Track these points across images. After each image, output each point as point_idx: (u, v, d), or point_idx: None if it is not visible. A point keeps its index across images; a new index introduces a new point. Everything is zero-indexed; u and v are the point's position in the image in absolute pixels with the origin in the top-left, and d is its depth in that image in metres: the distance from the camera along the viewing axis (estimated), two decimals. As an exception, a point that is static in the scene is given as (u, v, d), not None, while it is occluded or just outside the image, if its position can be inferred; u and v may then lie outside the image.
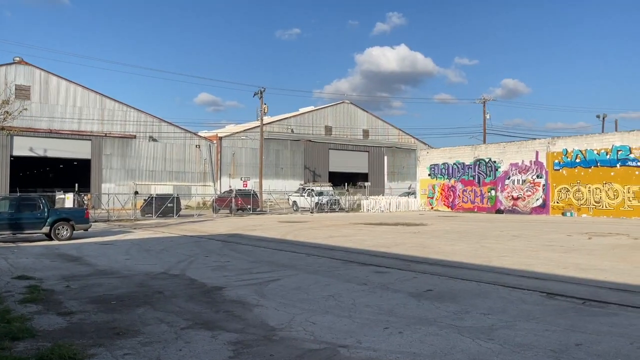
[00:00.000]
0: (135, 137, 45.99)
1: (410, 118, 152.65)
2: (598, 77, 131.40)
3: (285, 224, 24.15)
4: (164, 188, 44.41)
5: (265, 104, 41.12)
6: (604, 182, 28.90)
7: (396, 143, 64.28)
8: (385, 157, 55.92)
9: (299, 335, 5.50)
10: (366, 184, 49.59)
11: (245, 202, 34.51)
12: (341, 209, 37.88)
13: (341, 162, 59.32)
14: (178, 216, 30.02)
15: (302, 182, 49.25)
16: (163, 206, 30.00)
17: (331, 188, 41.73)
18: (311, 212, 35.02)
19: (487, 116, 49.88)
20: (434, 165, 39.80)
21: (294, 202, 39.24)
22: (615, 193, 28.42)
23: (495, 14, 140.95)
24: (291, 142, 56.02)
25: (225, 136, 53.25)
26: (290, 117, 58.06)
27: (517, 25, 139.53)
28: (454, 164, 38.21)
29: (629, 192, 27.82)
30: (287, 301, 7.18)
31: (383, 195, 44.65)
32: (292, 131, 56.12)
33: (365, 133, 62.12)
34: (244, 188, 41.22)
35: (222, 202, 34.91)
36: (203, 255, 12.66)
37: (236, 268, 10.40)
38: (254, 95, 41.53)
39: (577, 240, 15.32)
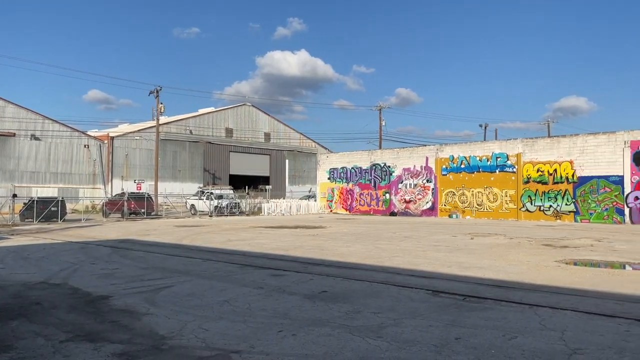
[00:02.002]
0: (14, 135, 42.10)
1: (311, 122, 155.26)
2: (480, 88, 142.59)
3: (182, 228, 23.39)
4: (48, 190, 41.12)
5: (161, 103, 39.61)
6: (485, 186, 31.39)
7: (297, 147, 64.95)
8: (287, 161, 56.30)
9: (190, 343, 5.34)
10: (267, 187, 49.50)
11: (139, 206, 32.92)
12: (241, 213, 37.46)
13: (242, 165, 58.74)
14: (63, 221, 27.91)
15: (202, 185, 48.04)
16: (46, 210, 27.72)
17: (232, 191, 41.15)
18: (210, 216, 34.27)
19: (383, 123, 52.11)
20: (334, 169, 40.75)
21: (192, 205, 38.17)
22: (494, 196, 30.98)
23: (390, 24, 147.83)
24: (190, 143, 54.46)
25: (118, 136, 50.47)
26: (189, 117, 56.43)
27: (409, 36, 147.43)
28: (352, 168, 39.40)
29: (506, 196, 30.46)
30: (180, 308, 6.94)
31: (284, 198, 44.90)
32: (191, 132, 54.59)
33: (267, 136, 62.08)
34: (138, 191, 39.34)
35: (114, 206, 33.03)
36: (89, 262, 11.87)
37: (125, 275, 9.87)
38: (150, 93, 39.83)
39: (461, 241, 16.46)
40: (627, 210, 25.91)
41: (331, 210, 40.23)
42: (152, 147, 45.80)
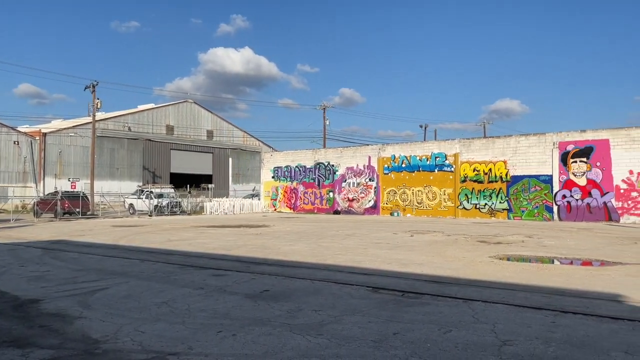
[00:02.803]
0: None
1: (255, 121, 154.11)
2: (421, 90, 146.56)
3: (119, 228, 22.59)
4: (-28, 189, 38.59)
5: (98, 98, 38.08)
6: (425, 185, 32.30)
7: (241, 145, 64.27)
8: (230, 159, 55.60)
9: (125, 346, 5.17)
10: (210, 185, 48.71)
11: (74, 205, 31.51)
12: (183, 212, 36.66)
13: (184, 163, 57.45)
14: (-11, 221, 26.28)
15: (141, 184, 46.60)
16: (-30, 210, 26.00)
17: (172, 190, 40.17)
18: (150, 215, 33.31)
19: (327, 122, 52.50)
20: (278, 167, 40.64)
21: (131, 204, 36.97)
22: (433, 195, 31.94)
23: (334, 24, 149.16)
24: (128, 140, 52.70)
25: (51, 132, 48.07)
26: (127, 114, 54.58)
27: (353, 37, 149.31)
28: (296, 166, 39.44)
29: (444, 194, 31.47)
30: (115, 311, 6.71)
31: (227, 197, 44.29)
32: (130, 129, 52.83)
33: (210, 134, 61.04)
34: (72, 190, 37.66)
35: (46, 205, 31.44)
36: (18, 264, 11.25)
37: (57, 278, 9.43)
38: (86, 88, 38.20)
39: (401, 238, 16.86)
40: (555, 208, 27.42)
41: (275, 209, 40.11)
42: (88, 144, 43.97)
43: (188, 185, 42.78)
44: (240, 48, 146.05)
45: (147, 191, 36.62)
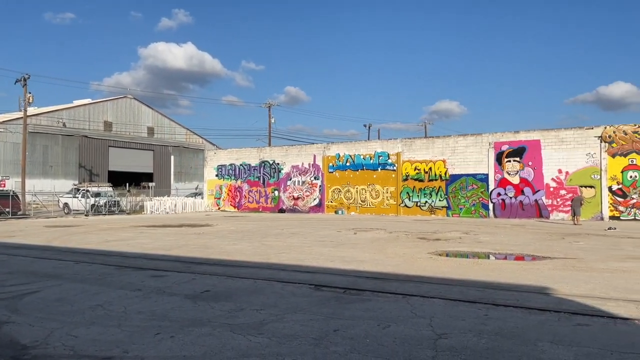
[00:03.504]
0: None
1: (199, 118, 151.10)
2: (365, 90, 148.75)
3: (53, 228, 21.56)
4: None
5: (30, 92, 36.14)
6: (368, 183, 32.84)
7: (183, 142, 62.89)
8: (172, 157, 54.23)
9: (56, 351, 4.95)
10: (151, 184, 47.34)
11: (3, 205, 29.77)
12: (122, 211, 35.43)
13: (123, 161, 55.52)
14: None
15: (77, 182, 44.65)
16: None
17: (111, 188, 38.72)
18: (86, 215, 31.99)
19: (272, 120, 52.31)
20: (222, 166, 40.08)
21: (66, 204, 35.36)
22: (377, 193, 32.53)
23: (279, 22, 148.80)
24: (63, 137, 50.37)
25: (-23, 127, 45.16)
26: (62, 109, 52.14)
27: (299, 35, 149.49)
28: (241, 165, 39.06)
29: (387, 192, 32.13)
30: (46, 315, 6.41)
31: (169, 196, 43.20)
32: (65, 125, 50.50)
33: (151, 131, 59.36)
34: (1, 188, 35.53)
35: (-29, 205, 29.51)
36: (-62, 269, 10.51)
37: (-17, 282, 8.88)
38: (16, 82, 36.16)
39: (345, 236, 17.07)
40: (491, 206, 28.60)
41: (219, 208, 39.55)
42: (19, 140, 41.64)
43: (127, 184, 41.29)
44: (182, 43, 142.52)
45: (84, 190, 35.11)
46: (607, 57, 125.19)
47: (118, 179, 49.67)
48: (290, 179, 36.36)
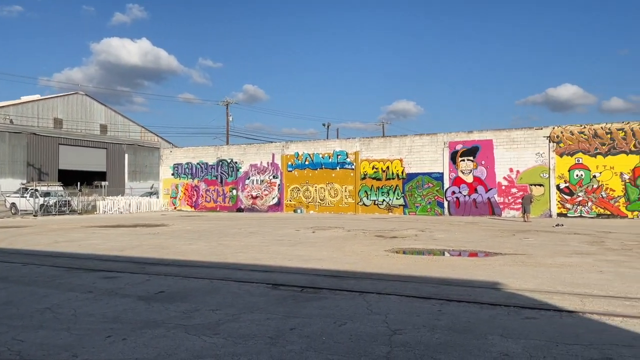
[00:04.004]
0: None
1: (154, 115, 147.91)
2: (325, 90, 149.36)
3: (-2, 229, 20.61)
4: None
5: (-27, 87, 34.39)
6: (327, 182, 32.99)
7: (138, 140, 61.37)
8: (126, 155, 52.87)
9: (1, 356, 4.74)
10: (104, 183, 46.00)
11: (-57, 205, 28.24)
12: (73, 212, 34.24)
13: (74, 160, 53.67)
14: None
15: (25, 182, 42.86)
16: None
17: (61, 188, 37.37)
18: (35, 216, 30.75)
19: (230, 118, 51.75)
20: (178, 164, 39.35)
21: (13, 204, 33.92)
22: (335, 192, 32.73)
23: (237, 20, 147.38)
24: (10, 134, 48.24)
25: None
26: (9, 105, 49.93)
27: (257, 33, 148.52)
28: (198, 163, 38.47)
29: (345, 191, 32.37)
30: (-11, 320, 6.12)
31: (123, 195, 42.06)
32: (12, 122, 48.38)
33: (104, 128, 57.65)
34: (-59, 188, 33.74)
35: None
36: None
37: None
38: (-42, 75, 34.35)
39: (303, 234, 17.08)
40: (446, 204, 29.27)
41: (175, 208, 38.82)
42: (-39, 137, 39.62)
43: (79, 183, 39.92)
44: (137, 39, 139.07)
45: (32, 189, 33.74)
46: (555, 60, 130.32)
47: (69, 178, 47.95)
48: (249, 178, 36.09)
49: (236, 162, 36.73)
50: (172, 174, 39.44)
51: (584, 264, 10.04)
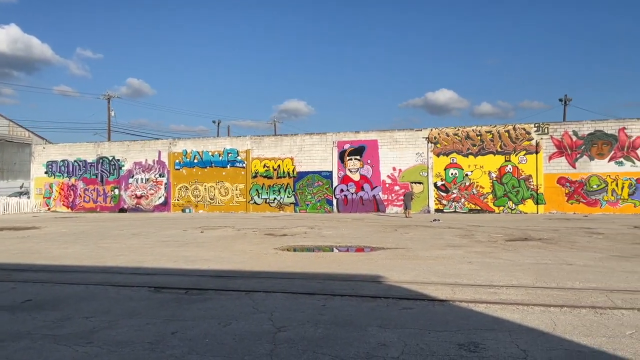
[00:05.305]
0: None
1: (25, 109, 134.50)
2: (215, 87, 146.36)
3: None
4: None
5: None
6: (217, 180, 32.39)
7: (6, 135, 55.56)
8: (-10, 151, 47.59)
9: None
10: (-38, 182, 41.12)
11: None
12: None
13: None
14: None
15: None
16: None
17: None
18: None
19: (112, 113, 48.79)
20: (52, 162, 36.25)
21: None
22: (226, 190, 32.24)
23: (119, 8, 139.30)
24: None
25: None
26: None
27: (141, 24, 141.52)
28: (75, 161, 35.77)
29: (236, 190, 32.02)
30: None
31: (-14, 195, 37.84)
32: None
33: (-38, 121, 51.40)
34: None
35: None
36: None
37: None
38: None
39: (191, 235, 16.61)
40: (335, 201, 30.13)
41: (49, 209, 35.73)
42: None
43: None
44: (4, 25, 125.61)
45: None
46: (434, 66, 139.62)
47: None
48: (133, 177, 34.29)
49: (119, 160, 34.71)
50: (46, 172, 36.25)
51: (456, 256, 10.89)
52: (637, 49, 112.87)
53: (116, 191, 34.54)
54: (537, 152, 27.26)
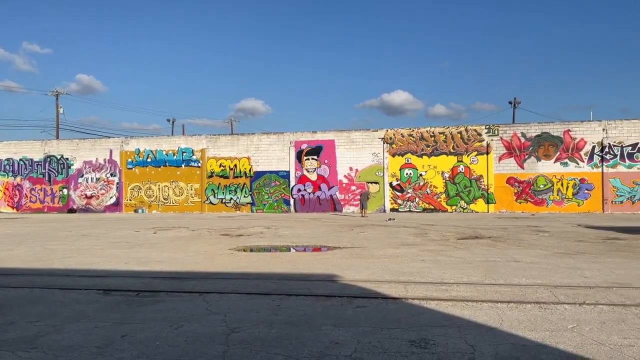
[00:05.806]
0: None
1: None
2: (169, 84, 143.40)
3: None
4: None
5: None
6: (172, 180, 31.78)
7: (-57, 132, 52.60)
8: None
9: None
10: None
11: None
12: None
13: None
14: None
15: None
16: None
17: None
18: None
19: (61, 110, 47.04)
20: (-5, 160, 34.62)
21: None
22: (180, 190, 31.67)
23: (63, 3, 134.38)
24: None
25: None
26: None
27: (92, 18, 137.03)
28: (21, 160, 34.30)
29: (191, 190, 31.51)
30: None
31: None
32: None
33: None
34: None
35: None
36: None
37: None
38: None
39: (144, 236, 16.22)
40: (292, 201, 30.12)
41: (-8, 209, 34.13)
42: None
43: None
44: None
45: None
46: (389, 68, 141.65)
47: None
48: (83, 176, 33.18)
49: (67, 159, 33.51)
50: (-12, 171, 34.61)
51: (409, 254, 11.09)
52: (583, 53, 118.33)
53: (65, 191, 33.33)
54: (487, 153, 28.13)
